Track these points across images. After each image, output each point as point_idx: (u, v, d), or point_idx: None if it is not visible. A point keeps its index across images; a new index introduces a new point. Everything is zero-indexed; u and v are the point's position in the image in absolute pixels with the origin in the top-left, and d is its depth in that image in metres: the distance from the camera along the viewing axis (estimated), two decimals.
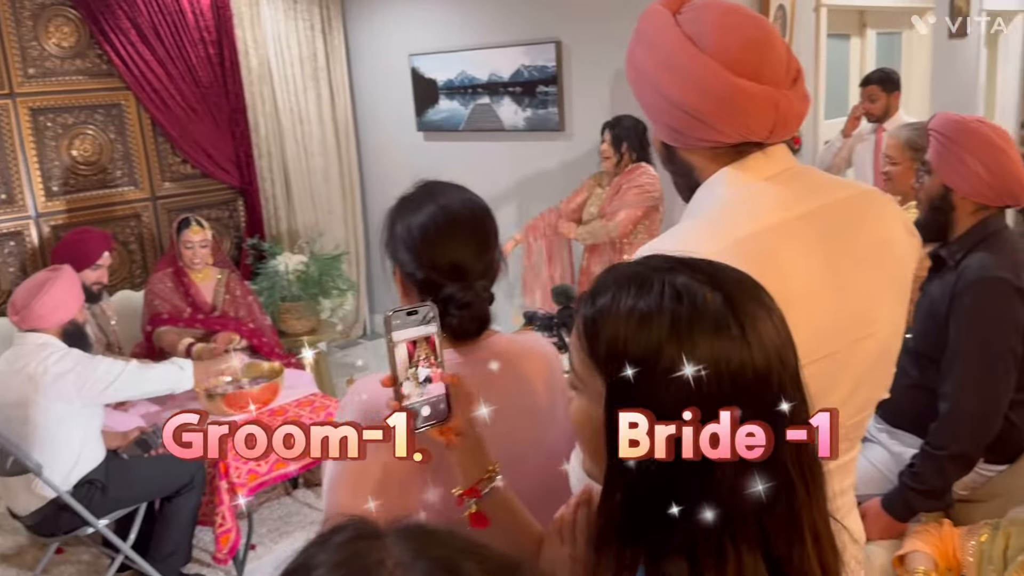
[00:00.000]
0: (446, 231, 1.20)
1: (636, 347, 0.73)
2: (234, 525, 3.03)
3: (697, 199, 1.17)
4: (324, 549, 0.55)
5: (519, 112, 4.63)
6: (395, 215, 1.26)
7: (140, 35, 4.42)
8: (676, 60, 1.08)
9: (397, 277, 1.25)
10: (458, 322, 1.19)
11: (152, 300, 3.68)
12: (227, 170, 4.92)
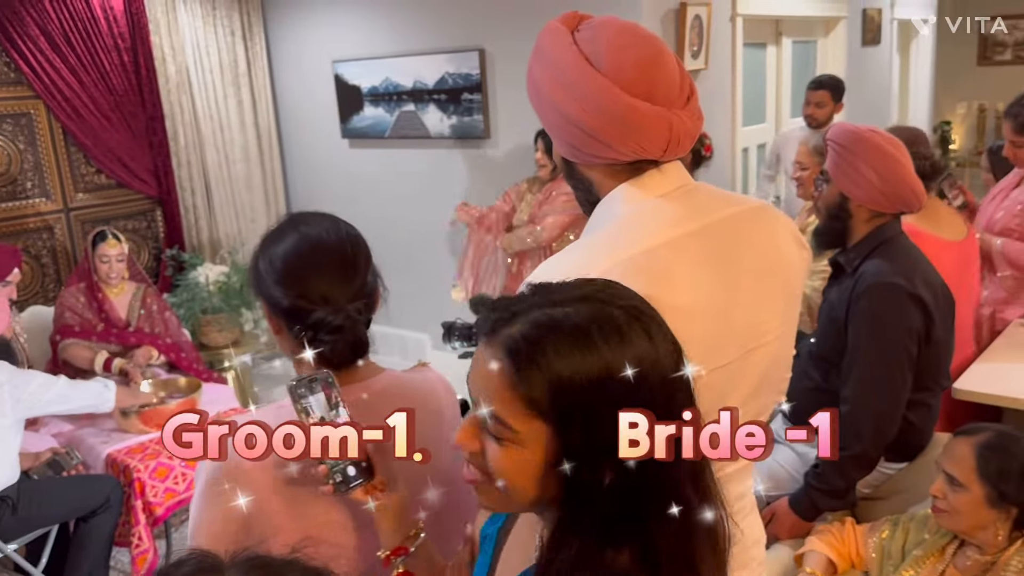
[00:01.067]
0: (308, 257, 1.18)
1: (580, 374, 0.73)
2: (151, 545, 2.95)
3: (596, 214, 1.19)
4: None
5: (444, 119, 4.63)
6: (259, 252, 1.22)
7: (50, 42, 4.27)
8: (572, 78, 1.10)
9: (266, 313, 1.21)
10: (330, 348, 1.15)
11: (63, 313, 3.57)
12: (144, 180, 4.79)
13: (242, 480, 1.11)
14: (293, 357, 1.21)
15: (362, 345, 1.20)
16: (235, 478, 1.11)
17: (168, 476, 3.00)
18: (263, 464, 1.08)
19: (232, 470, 1.11)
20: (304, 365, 1.15)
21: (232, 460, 1.08)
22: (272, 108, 5.44)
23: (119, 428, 3.18)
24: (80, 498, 2.84)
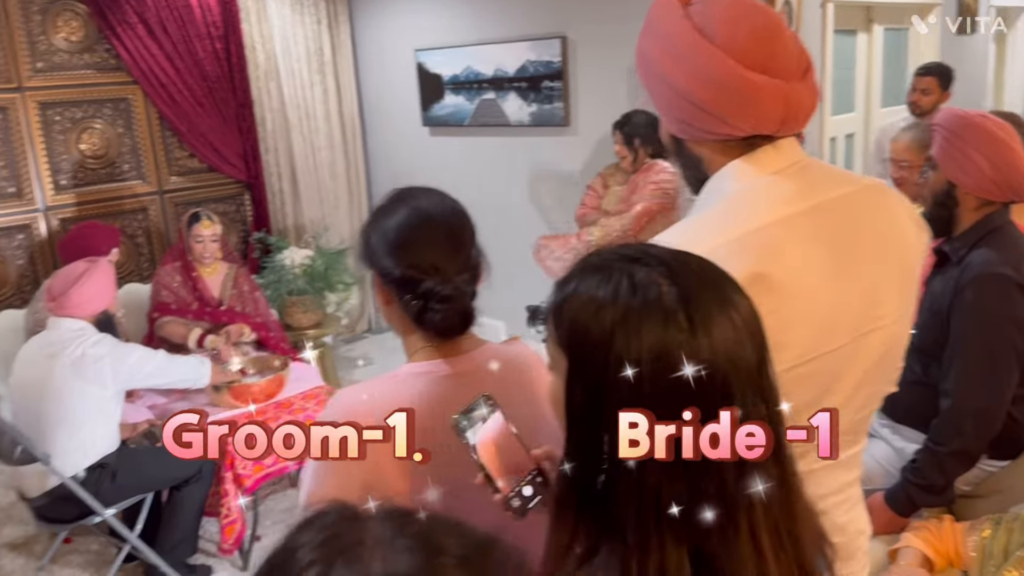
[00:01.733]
0: (420, 229, 1.21)
1: (592, 332, 0.78)
2: (240, 516, 3.05)
3: (706, 192, 1.17)
4: (307, 531, 0.57)
5: (524, 107, 4.64)
6: (369, 226, 1.26)
7: (148, 30, 4.44)
8: (684, 51, 1.08)
9: (377, 284, 1.24)
10: (440, 316, 1.18)
11: (159, 291, 3.71)
12: (234, 164, 4.94)
13: (363, 447, 1.12)
14: (399, 329, 1.25)
15: (470, 316, 1.22)
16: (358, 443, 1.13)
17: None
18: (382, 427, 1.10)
19: None
20: (413, 335, 1.17)
21: (351, 415, 1.11)
22: (356, 96, 5.54)
23: (211, 402, 3.30)
24: (174, 468, 2.96)
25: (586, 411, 0.79)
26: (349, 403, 1.18)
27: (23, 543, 3.40)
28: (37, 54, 4.21)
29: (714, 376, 0.75)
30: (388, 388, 1.18)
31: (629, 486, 0.76)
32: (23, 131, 4.20)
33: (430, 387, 1.17)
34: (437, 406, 1.14)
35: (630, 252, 0.83)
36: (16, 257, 4.25)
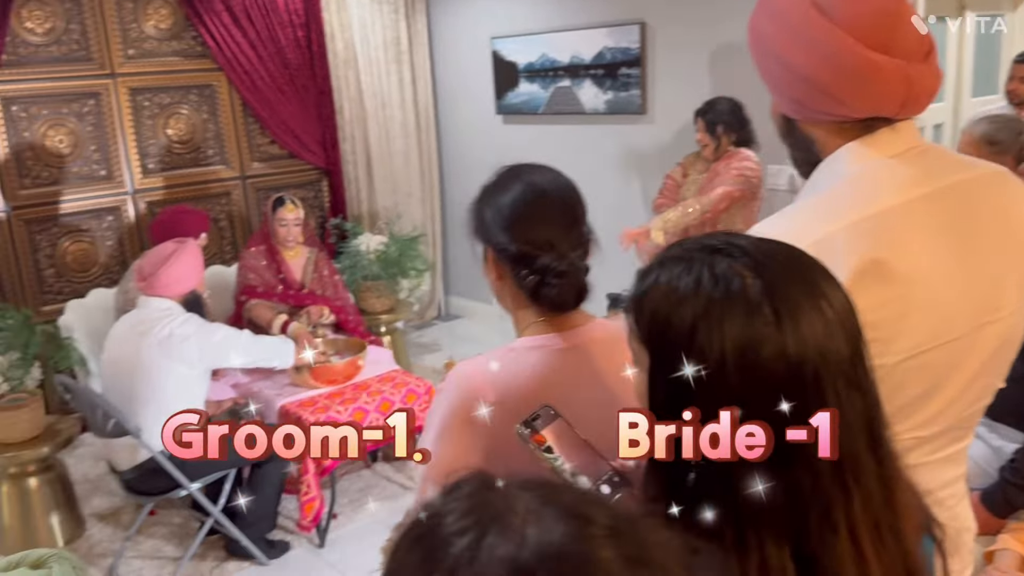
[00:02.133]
0: (535, 205, 1.22)
1: (673, 326, 0.77)
2: (318, 494, 3.12)
3: (817, 175, 1.14)
4: (451, 499, 0.57)
5: (600, 95, 4.61)
6: (481, 202, 1.27)
7: (233, 18, 4.54)
8: (803, 30, 1.05)
9: (490, 259, 1.26)
10: (556, 292, 1.19)
11: (246, 273, 3.81)
12: (313, 151, 5.04)
13: (482, 418, 1.13)
14: (511, 305, 1.26)
15: (584, 291, 1.23)
16: (477, 416, 1.13)
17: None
18: (504, 410, 1.10)
19: (473, 409, 1.14)
20: (525, 310, 1.20)
21: (473, 397, 1.12)
22: (430, 85, 5.58)
23: (292, 382, 3.38)
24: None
25: (670, 407, 0.78)
26: (470, 374, 1.19)
27: (111, 514, 3.54)
28: (128, 41, 4.36)
29: (803, 370, 0.73)
30: (507, 360, 1.19)
31: (722, 485, 0.75)
32: (114, 116, 4.36)
33: (545, 360, 1.18)
34: (553, 378, 1.15)
35: (712, 242, 0.81)
36: (106, 238, 4.41)
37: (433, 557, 0.52)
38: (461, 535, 0.52)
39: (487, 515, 0.54)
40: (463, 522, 0.53)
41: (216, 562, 3.13)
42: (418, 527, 0.56)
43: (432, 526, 0.55)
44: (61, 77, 4.17)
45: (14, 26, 4.01)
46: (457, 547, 0.51)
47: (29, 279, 4.20)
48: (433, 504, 0.58)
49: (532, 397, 1.11)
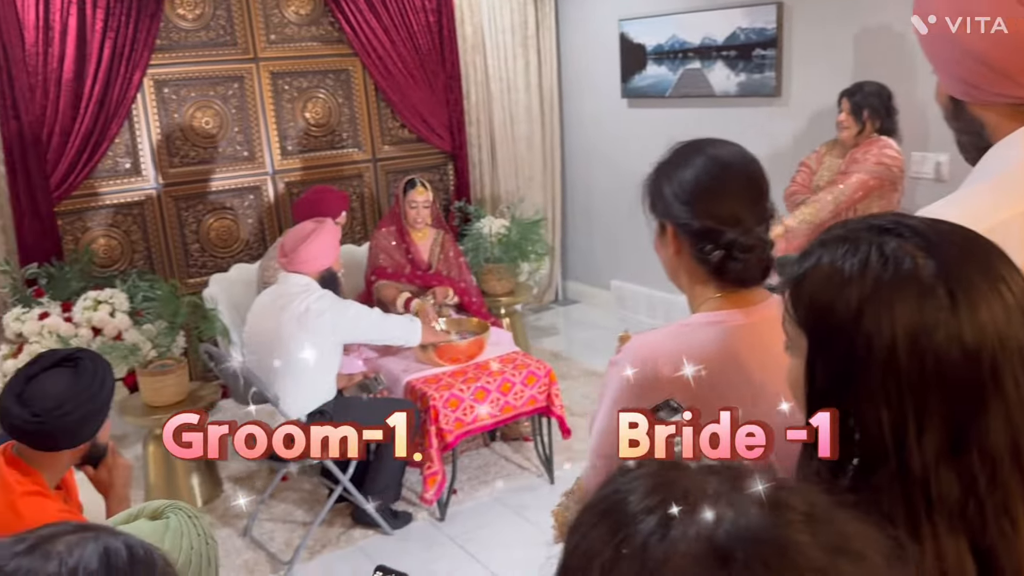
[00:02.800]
0: (720, 179, 1.20)
1: (836, 309, 0.73)
2: (440, 469, 3.19)
3: (987, 161, 1.08)
4: (634, 477, 0.57)
5: (732, 77, 4.48)
6: (658, 177, 1.25)
7: (368, 3, 4.68)
8: (983, 8, 0.99)
9: (669, 235, 1.24)
10: (743, 267, 1.18)
11: (376, 254, 3.94)
12: (440, 135, 5.13)
13: (662, 391, 1.12)
14: (685, 280, 1.25)
15: (770, 266, 1.21)
16: (653, 388, 1.13)
17: (459, 407, 3.22)
18: (683, 377, 1.11)
19: (652, 381, 1.14)
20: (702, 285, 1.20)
21: (652, 369, 1.13)
22: (555, 69, 5.58)
23: (417, 360, 3.47)
24: (383, 419, 3.13)
25: (830, 396, 0.75)
26: (647, 346, 1.19)
27: (246, 477, 3.74)
28: (271, 26, 4.56)
29: (979, 357, 0.69)
30: (684, 334, 1.19)
31: (892, 475, 0.72)
32: (256, 99, 4.57)
33: (724, 335, 1.17)
34: (731, 353, 1.15)
35: (879, 222, 0.77)
36: (247, 216, 4.65)
37: (621, 532, 0.52)
38: (649, 513, 0.52)
39: (673, 496, 0.53)
40: (649, 500, 0.53)
41: (343, 529, 3.26)
42: (602, 502, 0.56)
43: (617, 501, 0.55)
44: (208, 61, 4.41)
45: (167, 12, 4.26)
46: (647, 525, 0.51)
47: (176, 253, 4.48)
48: (616, 481, 0.58)
49: (716, 372, 1.12)
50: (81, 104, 4.00)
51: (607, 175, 5.53)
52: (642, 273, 5.34)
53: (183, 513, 1.39)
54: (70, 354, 1.87)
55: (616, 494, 0.56)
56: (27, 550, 0.60)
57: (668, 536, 0.50)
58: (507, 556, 3.02)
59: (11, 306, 3.74)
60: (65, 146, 4.01)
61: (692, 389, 1.12)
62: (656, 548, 0.50)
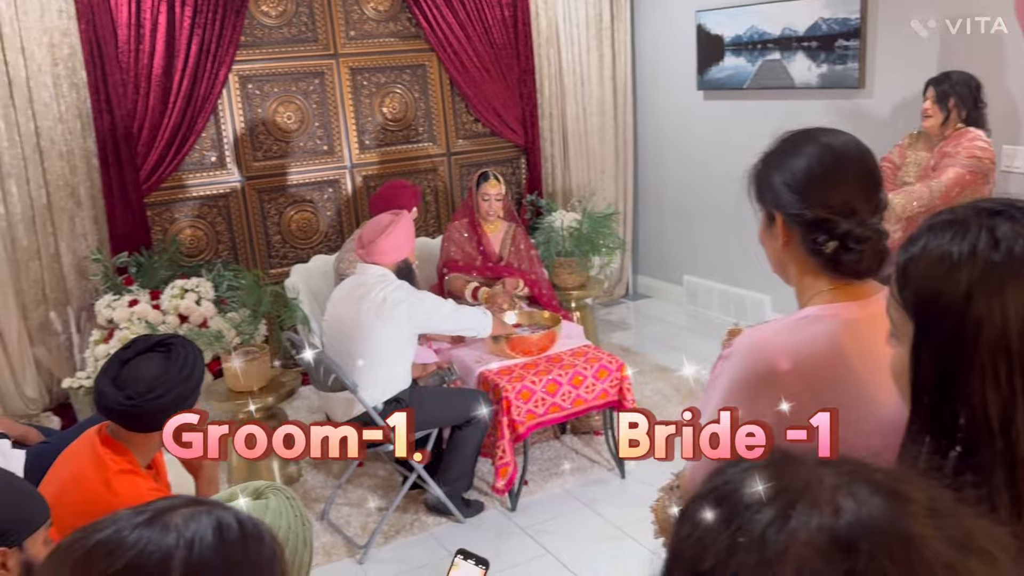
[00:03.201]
0: (833, 168, 1.17)
1: (944, 294, 0.72)
2: (512, 460, 3.22)
3: None
4: (745, 469, 0.57)
5: (813, 68, 4.37)
6: (766, 167, 1.23)
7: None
8: None
9: (778, 225, 1.22)
10: (858, 258, 1.15)
11: (448, 247, 3.99)
12: (514, 129, 5.16)
13: (777, 385, 1.12)
14: (794, 273, 1.23)
15: (887, 257, 1.18)
16: (769, 382, 1.12)
17: (531, 398, 3.24)
18: (799, 377, 1.09)
19: (767, 375, 1.13)
20: (813, 277, 1.18)
21: (766, 363, 1.12)
22: (630, 61, 5.54)
23: (490, 351, 3.50)
24: (458, 407, 3.19)
25: (937, 383, 0.74)
26: (763, 340, 1.17)
27: (323, 463, 3.84)
28: (351, 23, 4.65)
29: None
30: (799, 328, 1.17)
31: (996, 460, 0.71)
32: (336, 94, 4.67)
33: (839, 328, 1.15)
34: (848, 347, 1.13)
35: (989, 205, 0.76)
36: (326, 208, 4.76)
37: (736, 521, 0.52)
38: (766, 503, 0.52)
39: (792, 486, 0.53)
40: (765, 491, 0.53)
41: (416, 515, 3.32)
42: (714, 492, 0.56)
43: (730, 491, 0.55)
44: (290, 57, 4.53)
45: (251, 9, 4.39)
46: (764, 515, 0.51)
47: (259, 244, 4.62)
48: (727, 471, 0.58)
49: (828, 365, 1.11)
50: (170, 99, 4.16)
51: (681, 168, 5.47)
52: (716, 268, 5.27)
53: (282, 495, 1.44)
54: (163, 339, 1.95)
55: (728, 484, 0.56)
56: (147, 521, 0.64)
57: (787, 526, 0.50)
58: (577, 548, 3.03)
59: (103, 293, 3.92)
60: (154, 140, 4.18)
61: (809, 384, 1.11)
62: (775, 537, 0.50)
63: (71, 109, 4.01)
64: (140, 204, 4.21)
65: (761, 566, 0.48)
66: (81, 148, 4.07)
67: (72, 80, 3.99)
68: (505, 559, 2.98)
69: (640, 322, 5.60)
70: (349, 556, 3.10)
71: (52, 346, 4.12)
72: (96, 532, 0.64)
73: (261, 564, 0.66)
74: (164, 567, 0.61)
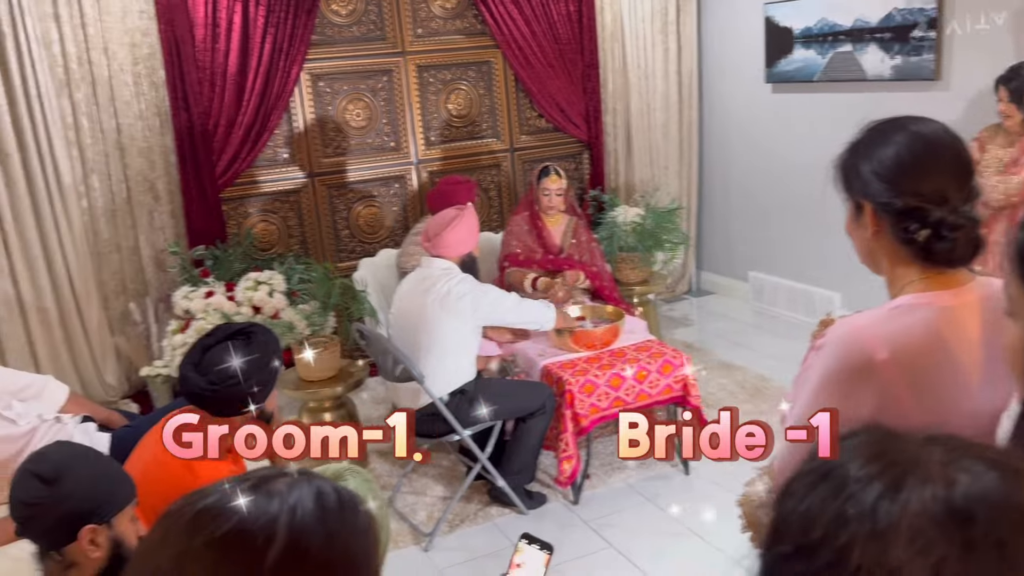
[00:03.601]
0: (924, 155, 1.16)
1: None
2: (575, 453, 3.24)
3: None
4: (849, 446, 0.57)
5: (886, 60, 4.27)
6: (854, 157, 1.22)
7: None
8: None
9: (867, 215, 1.21)
10: (952, 246, 1.14)
11: (509, 240, 4.03)
12: (577, 124, 5.16)
13: (873, 374, 1.11)
14: (885, 262, 1.22)
15: (981, 245, 1.17)
16: (866, 372, 1.12)
17: (594, 392, 3.25)
18: (897, 366, 1.09)
19: (863, 365, 1.12)
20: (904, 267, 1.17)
21: (862, 353, 1.11)
22: (696, 56, 5.49)
23: (553, 345, 3.52)
24: (522, 400, 3.22)
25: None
26: (859, 329, 1.16)
27: (388, 452, 3.91)
28: (418, 21, 4.72)
29: None
30: (894, 317, 1.16)
31: None
32: (403, 92, 4.75)
33: (934, 317, 1.13)
34: (944, 335, 1.12)
35: None
36: (392, 204, 4.85)
37: (845, 493, 0.53)
38: (874, 479, 0.53)
39: (899, 462, 0.54)
40: (871, 468, 0.54)
41: (480, 505, 3.36)
42: (819, 469, 0.57)
43: (836, 467, 0.56)
44: (359, 55, 4.62)
45: (322, 8, 4.49)
46: (873, 488, 0.52)
47: (328, 238, 4.73)
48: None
49: (926, 354, 1.10)
50: (244, 97, 4.29)
51: (748, 163, 5.40)
52: (784, 264, 5.19)
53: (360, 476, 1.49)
54: (244, 327, 2.03)
55: (832, 460, 0.57)
56: (251, 488, 0.68)
57: (899, 497, 0.51)
58: (641, 543, 3.03)
59: (180, 285, 4.07)
60: (229, 136, 4.31)
61: (907, 372, 1.10)
62: (888, 508, 0.51)
63: (150, 107, 4.17)
64: (216, 199, 4.34)
65: (874, 536, 0.50)
66: (160, 145, 4.22)
67: (151, 79, 4.14)
68: (568, 551, 3.00)
69: (703, 318, 5.55)
70: (415, 543, 3.16)
71: (131, 335, 4.29)
72: (204, 497, 0.68)
73: (357, 532, 0.69)
74: (270, 530, 0.65)
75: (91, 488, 1.51)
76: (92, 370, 4.22)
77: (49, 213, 4.00)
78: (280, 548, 0.64)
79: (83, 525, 1.49)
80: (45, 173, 3.97)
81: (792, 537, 0.54)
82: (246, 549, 0.64)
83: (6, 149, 3.87)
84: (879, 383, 1.09)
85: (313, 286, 3.85)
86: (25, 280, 4.00)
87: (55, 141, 3.95)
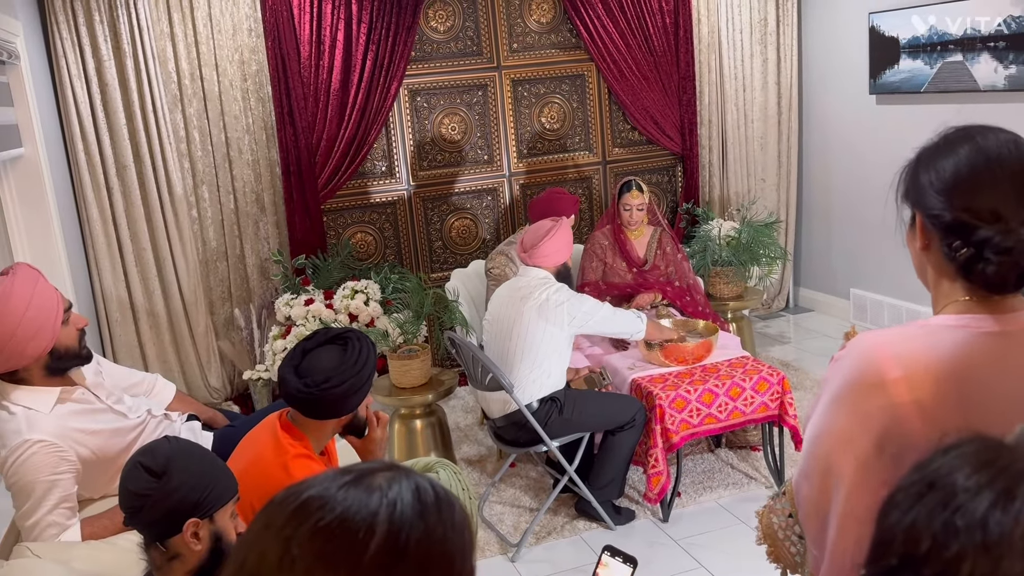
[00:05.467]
0: (983, 170, 1.08)
1: None
2: (665, 469, 3.19)
3: None
4: (952, 457, 0.56)
5: (1000, 70, 4.07)
6: (918, 164, 1.16)
7: (606, 9, 4.77)
8: None
9: (919, 226, 1.15)
10: (995, 269, 1.06)
11: (587, 264, 4.06)
12: (671, 137, 5.11)
13: (883, 392, 1.07)
14: (931, 277, 1.17)
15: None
16: (874, 390, 1.08)
17: (685, 408, 3.20)
18: (909, 386, 1.05)
19: (875, 382, 1.08)
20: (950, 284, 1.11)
21: (874, 369, 1.08)
22: (795, 66, 5.36)
23: (643, 358, 3.49)
24: (611, 412, 3.19)
25: None
26: (874, 344, 1.12)
27: (477, 460, 3.95)
28: (514, 36, 4.78)
29: None
30: (919, 336, 1.11)
31: None
32: (498, 105, 4.81)
33: (967, 341, 1.07)
34: (973, 362, 1.06)
35: None
36: (484, 216, 4.91)
37: (954, 504, 0.52)
38: (984, 488, 0.52)
39: (1011, 470, 0.53)
40: (980, 477, 0.53)
41: (567, 518, 3.35)
42: (924, 479, 0.56)
43: (942, 477, 0.55)
44: (456, 70, 4.71)
45: (422, 26, 4.60)
46: (983, 498, 0.51)
47: (422, 249, 4.83)
48: (935, 459, 0.57)
49: (944, 378, 1.04)
50: (346, 112, 4.43)
51: (849, 176, 5.23)
52: (887, 282, 4.99)
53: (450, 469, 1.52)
54: (341, 332, 2.08)
55: (939, 470, 0.55)
56: (352, 481, 0.70)
57: (1011, 508, 0.50)
58: (732, 565, 2.96)
59: (282, 292, 4.23)
60: (332, 150, 4.46)
61: (917, 395, 1.04)
62: (999, 520, 0.50)
63: (257, 121, 4.35)
64: (317, 211, 4.50)
65: (986, 548, 0.48)
66: (266, 158, 4.40)
67: (259, 94, 4.33)
68: (656, 569, 2.96)
69: (800, 336, 5.39)
70: (502, 553, 3.17)
71: (235, 340, 4.48)
72: (307, 488, 0.71)
73: (454, 527, 0.71)
74: (371, 522, 0.67)
75: (196, 482, 1.58)
76: (197, 372, 4.42)
77: (161, 222, 4.22)
78: (380, 540, 0.66)
79: (187, 518, 1.55)
80: (158, 184, 4.20)
81: (898, 550, 0.52)
82: (348, 540, 0.67)
83: (123, 161, 4.11)
84: (888, 401, 1.04)
85: (407, 295, 3.93)
86: (137, 285, 4.23)
87: (168, 154, 4.18)
